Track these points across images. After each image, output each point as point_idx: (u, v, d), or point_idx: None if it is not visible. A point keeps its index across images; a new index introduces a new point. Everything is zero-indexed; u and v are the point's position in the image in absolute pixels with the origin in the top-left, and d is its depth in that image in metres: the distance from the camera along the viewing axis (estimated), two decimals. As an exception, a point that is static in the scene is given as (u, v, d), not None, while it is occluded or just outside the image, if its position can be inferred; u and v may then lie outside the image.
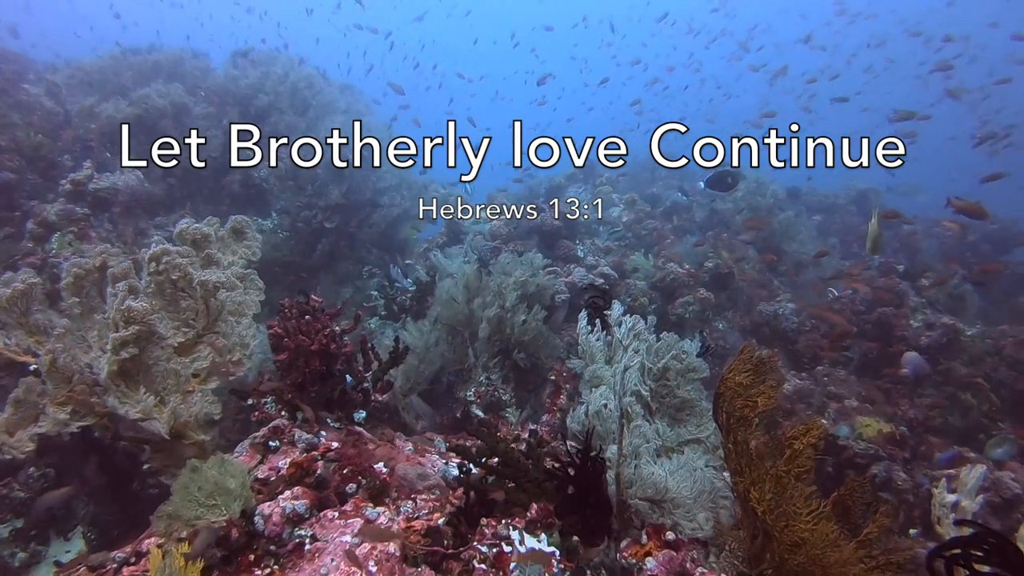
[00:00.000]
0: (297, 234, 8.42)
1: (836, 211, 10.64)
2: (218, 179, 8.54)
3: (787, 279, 8.60)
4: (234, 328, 3.03)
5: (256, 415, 3.07)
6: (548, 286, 5.66)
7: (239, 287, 3.23)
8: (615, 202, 9.40)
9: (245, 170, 8.41)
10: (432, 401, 5.79)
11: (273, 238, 8.37)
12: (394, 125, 11.16)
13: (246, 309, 3.19)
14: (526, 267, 5.73)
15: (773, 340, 7.31)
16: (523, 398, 5.80)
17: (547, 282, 5.66)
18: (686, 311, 6.42)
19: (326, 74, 10.56)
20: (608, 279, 6.23)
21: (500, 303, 5.52)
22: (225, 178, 8.53)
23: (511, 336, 5.47)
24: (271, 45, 12.91)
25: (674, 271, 6.51)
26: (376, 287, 6.68)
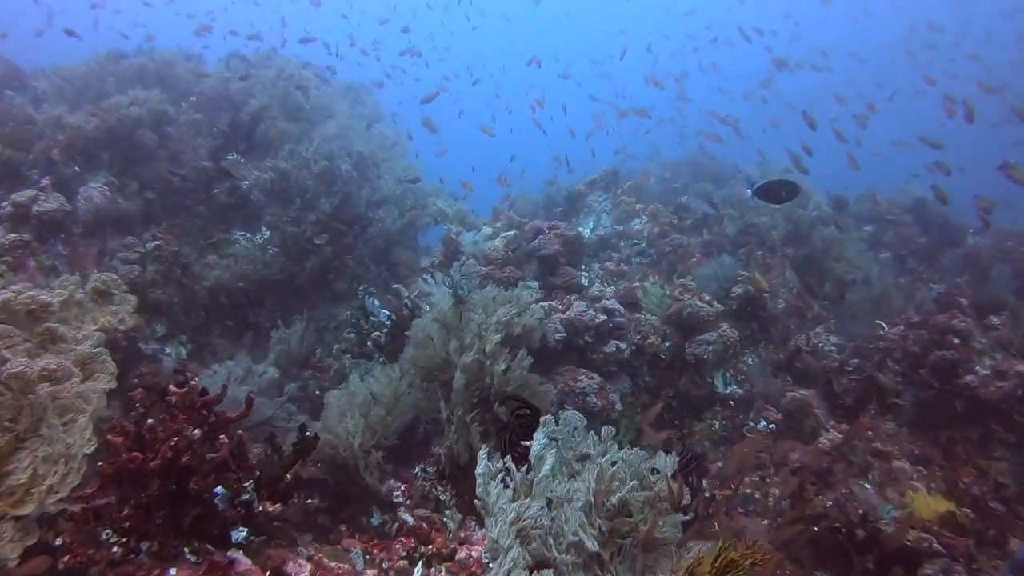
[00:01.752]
0: (287, 251, 7.79)
1: (890, 221, 9.48)
2: (207, 191, 7.96)
3: (830, 305, 7.57)
4: (59, 434, 2.34)
5: (67, 559, 2.30)
6: (536, 327, 4.86)
7: (76, 375, 2.54)
8: (637, 213, 8.50)
9: (234, 181, 7.80)
10: (406, 456, 5.08)
11: (263, 255, 7.77)
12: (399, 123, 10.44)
13: (84, 404, 2.50)
14: (512, 303, 4.94)
15: (809, 379, 6.35)
16: (509, 454, 5.03)
17: (535, 322, 4.85)
18: (705, 351, 5.53)
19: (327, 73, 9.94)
20: (613, 315, 5.38)
21: (480, 347, 4.75)
22: (214, 190, 7.95)
23: (492, 386, 4.70)
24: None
25: (692, 304, 5.62)
26: (350, 319, 6.00)
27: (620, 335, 5.46)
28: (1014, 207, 9.40)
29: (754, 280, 7.03)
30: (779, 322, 6.93)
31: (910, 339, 5.64)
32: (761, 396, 6.11)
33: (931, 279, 8.70)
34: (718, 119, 13.95)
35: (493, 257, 6.00)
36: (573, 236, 5.88)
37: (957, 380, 5.29)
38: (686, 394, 5.68)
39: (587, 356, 5.28)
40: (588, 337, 5.21)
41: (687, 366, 5.63)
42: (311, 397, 6.35)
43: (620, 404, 5.33)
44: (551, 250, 5.78)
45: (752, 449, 5.05)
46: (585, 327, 5.19)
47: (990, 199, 8.11)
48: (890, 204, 9.67)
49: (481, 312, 4.93)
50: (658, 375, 5.78)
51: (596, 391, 5.04)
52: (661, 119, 15.32)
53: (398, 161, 9.17)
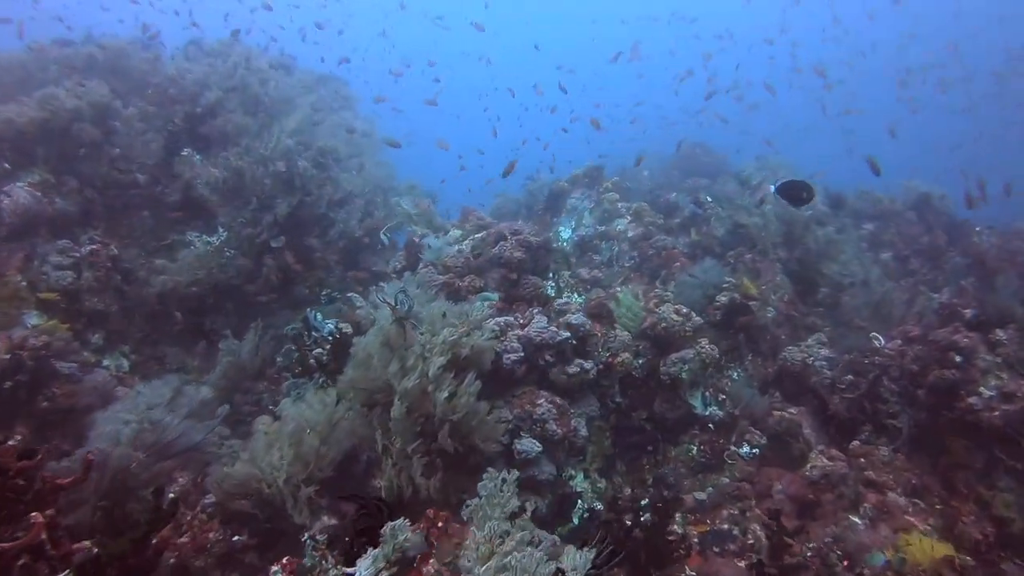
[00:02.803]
0: (245, 253, 7.30)
1: (892, 218, 8.91)
2: (160, 189, 7.46)
3: (825, 312, 7.04)
4: None
5: None
6: (486, 348, 4.35)
7: None
8: (621, 212, 7.96)
9: (188, 179, 7.29)
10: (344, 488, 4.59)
11: (219, 258, 7.26)
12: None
13: None
14: (461, 320, 4.43)
15: (800, 396, 5.83)
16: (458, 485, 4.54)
17: (486, 343, 4.34)
18: (680, 370, 5.00)
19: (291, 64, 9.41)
20: (577, 331, 4.86)
21: (424, 370, 4.25)
22: (166, 188, 7.45)
23: (436, 415, 4.20)
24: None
25: (668, 318, 5.09)
26: (291, 333, 5.50)
27: (586, 353, 4.94)
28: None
29: (742, 286, 6.50)
30: (768, 332, 6.40)
31: (908, 355, 5.11)
32: (746, 415, 5.59)
33: (934, 281, 8.14)
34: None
35: (452, 264, 5.48)
36: (538, 242, 5.36)
37: (958, 402, 4.77)
38: (661, 416, 5.17)
39: (548, 377, 4.78)
40: (549, 356, 4.70)
41: (662, 385, 5.11)
42: (267, 413, 5.89)
43: (586, 429, 4.82)
44: (512, 258, 5.26)
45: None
46: (545, 345, 4.68)
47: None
48: (892, 200, 9.09)
49: (428, 330, 4.43)
50: (631, 395, 5.26)
51: (557, 417, 4.53)
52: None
53: (369, 157, 8.67)
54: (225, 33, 9.09)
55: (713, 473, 5.09)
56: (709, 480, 5.04)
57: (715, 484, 4.99)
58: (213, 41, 8.67)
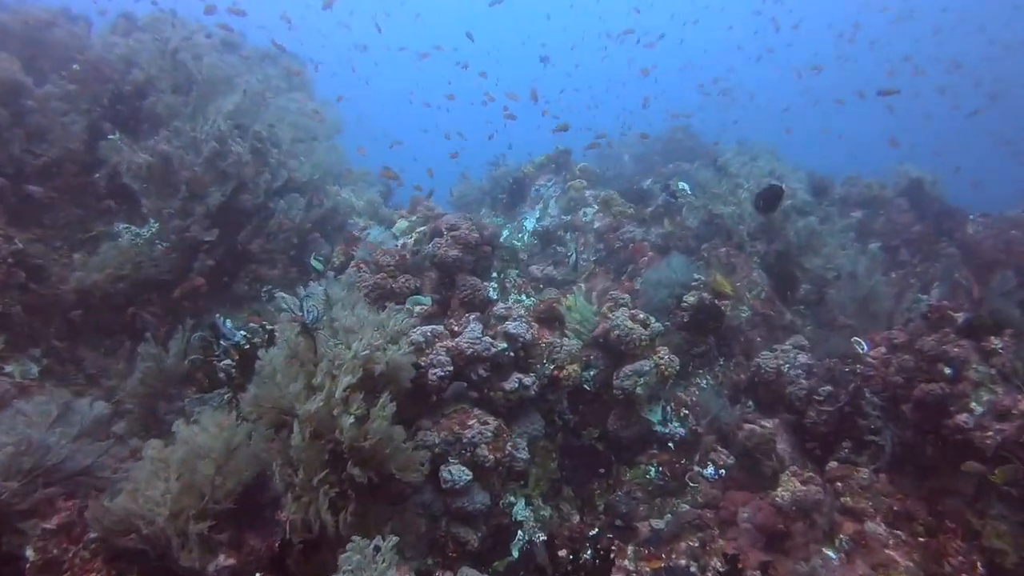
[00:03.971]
0: (177, 246, 6.69)
1: (881, 206, 8.33)
2: (84, 176, 6.84)
3: (807, 309, 6.48)
4: None
5: None
6: (403, 365, 3.77)
7: None
8: (588, 201, 7.35)
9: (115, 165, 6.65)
10: (251, 519, 4.04)
11: (150, 251, 6.65)
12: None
13: None
14: (378, 331, 3.85)
15: (775, 406, 5.28)
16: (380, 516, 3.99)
17: (403, 358, 3.76)
18: (635, 384, 4.42)
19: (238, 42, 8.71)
20: (516, 341, 4.27)
21: (332, 390, 3.67)
22: (90, 176, 6.83)
23: (344, 442, 3.63)
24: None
25: (622, 325, 4.50)
26: (198, 342, 4.91)
27: (528, 365, 4.37)
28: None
29: (714, 284, 5.94)
30: (742, 334, 5.84)
31: (892, 365, 4.55)
32: (713, 429, 5.04)
33: (925, 274, 7.58)
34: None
35: (385, 263, 4.88)
36: (478, 238, 4.75)
37: (947, 420, 4.21)
38: (615, 435, 4.61)
39: (484, 393, 4.21)
40: (482, 371, 4.13)
41: (616, 400, 4.55)
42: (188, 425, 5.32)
43: (526, 452, 4.26)
44: (447, 257, 4.66)
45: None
46: (478, 358, 4.10)
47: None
48: (881, 186, 8.49)
49: (340, 342, 3.85)
50: (581, 411, 4.71)
51: (490, 440, 3.96)
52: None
53: (320, 142, 8.02)
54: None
55: (673, 497, 4.54)
56: (668, 505, 4.50)
57: (675, 510, 4.45)
58: (146, 14, 7.96)
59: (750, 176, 6.75)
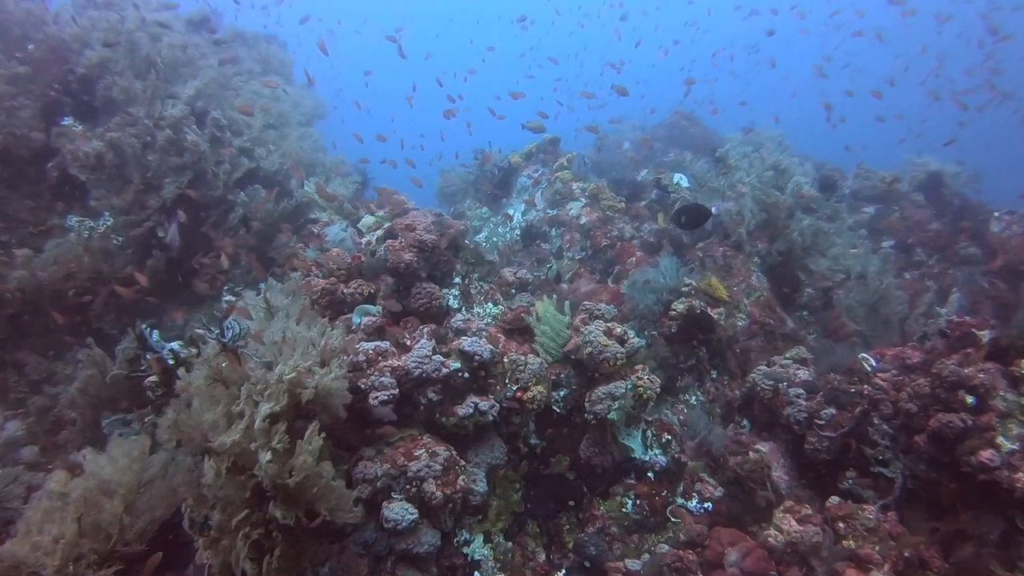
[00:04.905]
0: (132, 241, 6.23)
1: (896, 201, 7.71)
2: (35, 165, 6.38)
3: (811, 315, 5.93)
4: None
5: None
6: (334, 391, 3.27)
7: None
8: (575, 194, 6.80)
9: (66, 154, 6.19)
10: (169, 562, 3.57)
11: (104, 245, 6.21)
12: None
13: None
14: (307, 351, 3.35)
15: (773, 428, 4.75)
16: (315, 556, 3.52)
17: (334, 384, 3.26)
18: (607, 408, 3.90)
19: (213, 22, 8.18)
20: (471, 360, 3.76)
21: (251, 420, 3.19)
22: (43, 165, 6.37)
23: (265, 478, 3.15)
24: None
25: (594, 341, 3.98)
26: (122, 355, 4.42)
27: (487, 386, 3.86)
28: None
29: (709, 288, 5.39)
30: (738, 345, 5.30)
31: (905, 390, 3.99)
32: (702, 453, 4.53)
33: (943, 276, 6.98)
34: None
35: (336, 265, 4.38)
36: (434, 240, 4.22)
37: (969, 456, 3.66)
38: (588, 462, 4.10)
39: (435, 418, 3.71)
40: (432, 394, 3.63)
41: (590, 424, 4.03)
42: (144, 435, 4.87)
43: (484, 483, 3.76)
44: (400, 261, 4.14)
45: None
46: (428, 380, 3.60)
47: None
48: (896, 180, 7.86)
49: (264, 363, 3.36)
50: (550, 436, 4.19)
51: (439, 474, 3.46)
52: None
53: (293, 129, 7.51)
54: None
55: (652, 534, 4.03)
56: (646, 544, 3.99)
57: (653, 550, 3.94)
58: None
59: (751, 169, 6.17)
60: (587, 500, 4.10)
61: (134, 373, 4.16)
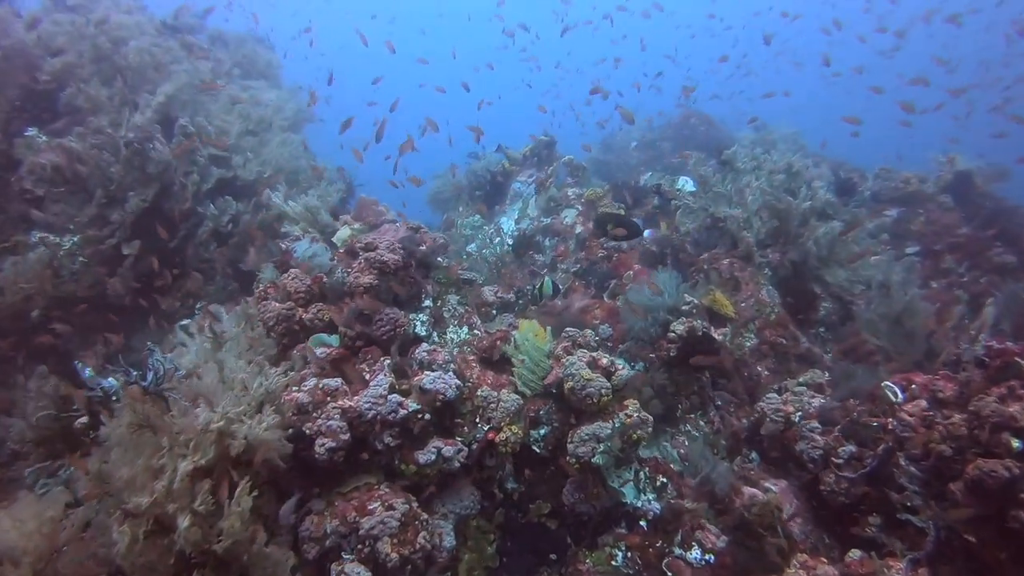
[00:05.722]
0: (97, 259, 5.87)
1: (921, 203, 7.13)
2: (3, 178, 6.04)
3: (828, 332, 5.40)
4: None
5: None
6: (269, 442, 2.83)
7: None
8: (571, 200, 6.33)
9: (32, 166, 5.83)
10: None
11: (70, 264, 5.85)
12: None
13: None
14: (242, 393, 2.91)
15: (784, 462, 4.25)
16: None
17: (268, 435, 2.82)
18: (591, 451, 3.42)
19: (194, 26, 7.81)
20: (433, 399, 3.30)
21: (170, 477, 2.76)
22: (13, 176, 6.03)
23: (186, 546, 2.71)
24: None
25: (577, 374, 3.50)
26: (53, 392, 4.00)
27: (453, 427, 3.41)
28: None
29: (714, 304, 4.90)
30: (746, 368, 4.80)
31: (938, 428, 3.47)
32: (704, 494, 4.04)
33: (974, 285, 6.40)
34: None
35: (294, 288, 3.95)
36: (397, 260, 3.75)
37: (1016, 510, 3.14)
38: (572, 509, 3.62)
39: (394, 465, 3.26)
40: (389, 439, 3.19)
41: (572, 467, 3.55)
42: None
43: (452, 537, 3.30)
44: (358, 284, 3.70)
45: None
46: (384, 424, 3.16)
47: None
48: (921, 180, 7.28)
49: (185, 409, 2.93)
50: (529, 479, 3.72)
51: (395, 531, 3.01)
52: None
53: (273, 136, 7.11)
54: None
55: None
56: None
57: (646, 611, 3.46)
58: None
59: (761, 171, 5.65)
60: (571, 553, 3.62)
61: (66, 414, 3.76)
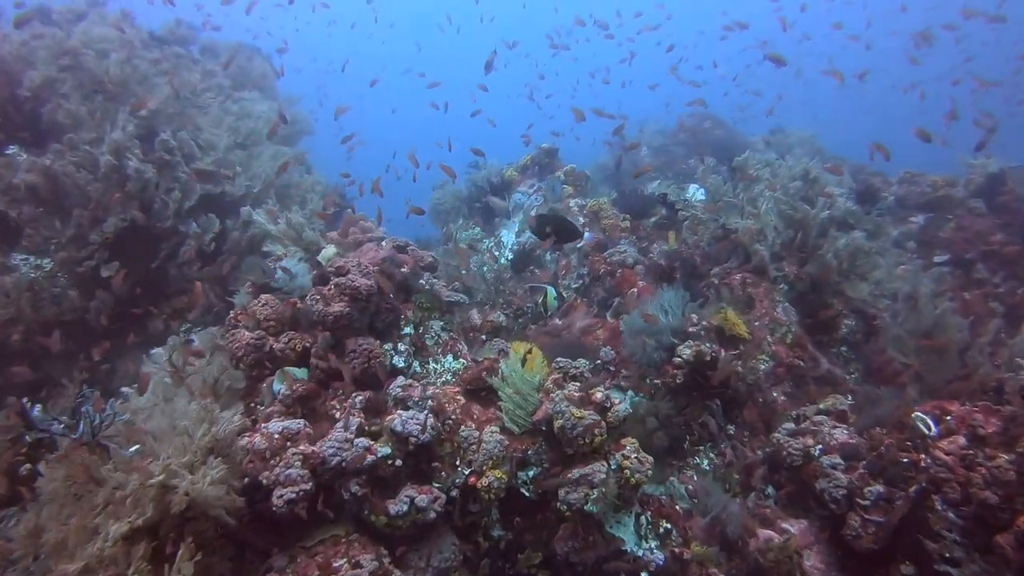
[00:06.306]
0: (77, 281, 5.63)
1: (950, 209, 6.68)
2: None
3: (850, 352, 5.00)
4: None
5: None
6: (212, 500, 2.51)
7: None
8: (573, 212, 5.98)
9: (8, 186, 5.62)
10: None
11: (50, 286, 5.62)
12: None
13: None
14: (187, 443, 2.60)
15: (802, 498, 3.85)
16: None
17: (212, 492, 2.50)
18: (582, 499, 3.06)
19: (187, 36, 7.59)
20: (405, 442, 2.96)
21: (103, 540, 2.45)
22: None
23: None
24: None
25: (566, 411, 3.14)
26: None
27: (430, 471, 3.07)
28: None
29: (725, 323, 4.51)
30: (760, 393, 4.40)
31: (980, 471, 3.06)
32: (715, 535, 3.66)
33: (1010, 296, 5.95)
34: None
35: (264, 316, 3.65)
36: (369, 286, 3.42)
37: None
38: (565, 559, 3.26)
39: (363, 516, 2.93)
40: (356, 487, 2.85)
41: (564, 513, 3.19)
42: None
43: (428, 597, 2.96)
44: (328, 314, 3.39)
45: None
46: (349, 471, 2.83)
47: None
48: (950, 184, 6.82)
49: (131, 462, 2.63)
50: (518, 526, 3.36)
51: (363, 593, 2.69)
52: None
53: (264, 150, 6.84)
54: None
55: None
56: None
57: (648, 676, 3.09)
58: (62, 7, 6.89)
59: (775, 179, 5.26)
60: (565, 609, 3.27)
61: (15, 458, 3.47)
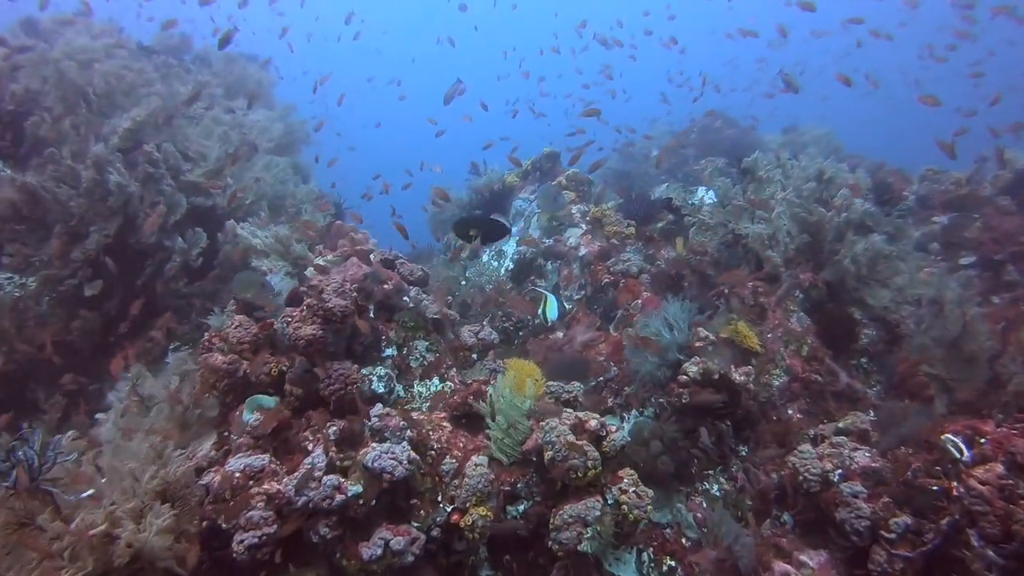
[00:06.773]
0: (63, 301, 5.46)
1: (975, 207, 6.30)
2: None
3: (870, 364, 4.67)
4: None
5: None
6: (159, 552, 2.26)
7: None
8: (575, 219, 5.71)
9: None
10: None
11: (36, 306, 5.46)
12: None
13: None
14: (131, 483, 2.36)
15: (823, 527, 3.54)
16: None
17: (158, 544, 2.26)
18: (576, 538, 2.77)
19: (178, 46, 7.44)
20: (379, 478, 2.69)
21: (38, 596, 2.21)
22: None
23: None
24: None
25: (556, 441, 2.87)
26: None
27: (408, 508, 2.81)
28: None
29: (735, 336, 4.21)
30: (774, 411, 4.09)
31: (1020, 504, 2.74)
32: (727, 568, 3.36)
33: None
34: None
35: (237, 339, 3.41)
36: (345, 306, 3.17)
37: None
38: (560, 602, 2.98)
39: (334, 560, 2.68)
40: (325, 529, 2.60)
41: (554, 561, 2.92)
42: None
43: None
44: (300, 338, 3.14)
45: None
46: (318, 511, 2.58)
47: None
48: (975, 182, 6.45)
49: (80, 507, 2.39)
50: (509, 566, 3.08)
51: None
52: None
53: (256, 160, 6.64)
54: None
55: None
56: None
57: None
58: (48, 18, 6.75)
59: (788, 180, 4.96)
60: (560, 658, 2.98)
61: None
